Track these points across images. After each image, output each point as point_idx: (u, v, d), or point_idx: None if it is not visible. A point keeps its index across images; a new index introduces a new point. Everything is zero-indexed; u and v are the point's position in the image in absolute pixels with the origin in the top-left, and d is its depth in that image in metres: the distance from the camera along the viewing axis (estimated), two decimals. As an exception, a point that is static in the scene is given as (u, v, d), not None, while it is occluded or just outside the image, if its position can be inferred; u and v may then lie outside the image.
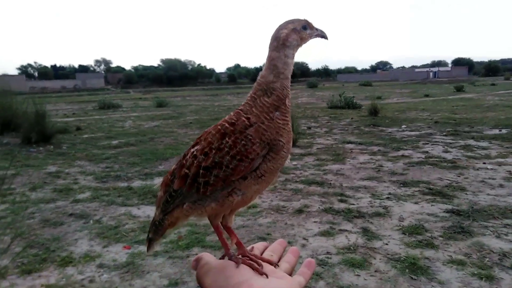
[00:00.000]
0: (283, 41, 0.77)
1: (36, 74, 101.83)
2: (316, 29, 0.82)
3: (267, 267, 0.71)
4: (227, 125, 0.75)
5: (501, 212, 4.23)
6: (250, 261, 0.71)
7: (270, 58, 0.77)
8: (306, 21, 0.80)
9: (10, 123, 9.76)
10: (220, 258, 0.76)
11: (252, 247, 0.80)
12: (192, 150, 0.78)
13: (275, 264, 0.74)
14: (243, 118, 0.74)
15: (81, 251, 3.57)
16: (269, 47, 0.78)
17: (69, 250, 3.59)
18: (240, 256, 0.74)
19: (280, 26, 0.79)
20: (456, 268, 3.12)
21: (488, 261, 3.21)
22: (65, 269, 3.23)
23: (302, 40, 0.79)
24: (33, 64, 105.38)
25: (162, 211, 0.82)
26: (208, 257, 0.72)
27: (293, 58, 0.78)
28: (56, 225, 4.19)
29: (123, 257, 3.44)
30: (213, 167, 0.73)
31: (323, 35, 0.84)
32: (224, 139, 0.73)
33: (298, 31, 0.78)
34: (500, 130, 9.63)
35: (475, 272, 3.03)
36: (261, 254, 0.78)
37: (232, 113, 0.77)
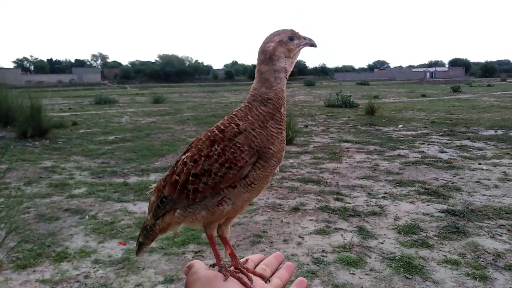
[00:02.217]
0: (271, 55, 0.75)
1: (32, 68, 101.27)
2: (304, 38, 0.79)
3: (257, 282, 0.70)
4: (217, 132, 0.74)
5: (496, 213, 4.26)
6: (239, 275, 0.70)
7: (259, 72, 0.76)
8: (292, 31, 0.78)
9: (6, 117, 9.69)
10: (210, 266, 0.75)
11: (247, 260, 0.78)
12: (183, 157, 0.78)
13: (267, 279, 0.72)
14: (233, 125, 0.73)
15: (77, 246, 3.56)
16: (257, 60, 0.77)
17: (64, 246, 3.57)
18: (231, 268, 0.73)
19: (266, 38, 0.77)
20: (450, 268, 3.14)
21: (482, 261, 3.23)
22: (60, 265, 3.22)
23: (290, 52, 0.77)
24: (29, 57, 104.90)
25: (153, 216, 0.81)
26: (199, 265, 0.71)
27: (284, 71, 0.76)
28: (52, 220, 4.18)
29: (118, 253, 3.43)
30: (202, 174, 0.72)
31: (311, 44, 0.81)
32: (213, 146, 0.73)
33: (284, 43, 0.76)
34: (496, 131, 9.68)
35: (470, 272, 3.05)
36: (255, 267, 0.76)
37: (225, 117, 0.76)
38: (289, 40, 0.77)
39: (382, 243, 3.60)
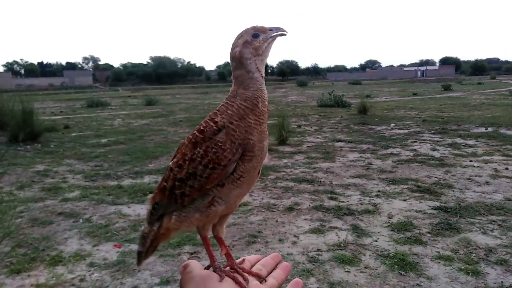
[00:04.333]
0: (239, 59, 0.75)
1: (22, 71, 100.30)
2: (271, 29, 0.78)
3: (252, 282, 0.70)
4: (197, 133, 0.75)
5: (487, 209, 4.32)
6: (234, 274, 0.70)
7: (235, 77, 0.76)
8: (254, 27, 0.77)
9: (-3, 121, 9.59)
10: (205, 268, 0.74)
11: (244, 260, 0.78)
12: (170, 163, 0.78)
13: (262, 279, 0.72)
14: (211, 123, 0.73)
15: (71, 250, 3.55)
16: (231, 67, 0.77)
17: (58, 249, 3.56)
18: (227, 268, 0.73)
19: (232, 43, 0.77)
20: (443, 263, 3.18)
21: (474, 256, 3.28)
22: (55, 269, 3.20)
23: (258, 49, 0.76)
24: (19, 61, 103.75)
25: (149, 223, 0.81)
26: (195, 265, 0.71)
27: (258, 71, 0.76)
28: (45, 224, 4.15)
29: (113, 255, 3.42)
30: (187, 178, 0.72)
31: (281, 33, 0.79)
32: (196, 148, 0.73)
33: (249, 43, 0.76)
34: (486, 129, 9.81)
35: (462, 268, 3.10)
36: (252, 267, 0.76)
37: (208, 116, 0.76)
38: (253, 38, 0.76)
39: (376, 241, 3.64)
